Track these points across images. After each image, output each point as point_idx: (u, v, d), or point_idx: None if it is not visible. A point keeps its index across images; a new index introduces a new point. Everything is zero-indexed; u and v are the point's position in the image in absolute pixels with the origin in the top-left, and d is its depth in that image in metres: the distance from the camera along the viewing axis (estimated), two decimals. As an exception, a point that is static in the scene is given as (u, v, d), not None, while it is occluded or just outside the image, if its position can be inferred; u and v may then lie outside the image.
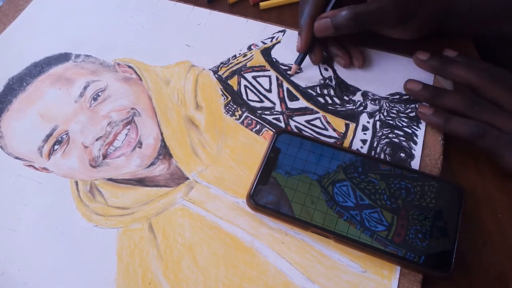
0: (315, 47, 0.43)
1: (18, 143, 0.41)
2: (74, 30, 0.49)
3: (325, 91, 0.43)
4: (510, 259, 0.34)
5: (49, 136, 0.41)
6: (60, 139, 0.41)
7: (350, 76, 0.43)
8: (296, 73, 0.44)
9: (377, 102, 0.42)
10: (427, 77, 0.42)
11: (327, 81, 0.43)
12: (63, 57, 0.47)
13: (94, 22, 0.50)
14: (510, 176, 0.37)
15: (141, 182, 0.38)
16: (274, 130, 0.40)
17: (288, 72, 0.44)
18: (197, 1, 0.50)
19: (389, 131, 0.40)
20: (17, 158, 0.40)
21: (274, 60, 0.45)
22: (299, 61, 0.43)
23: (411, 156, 0.38)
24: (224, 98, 0.43)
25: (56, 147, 0.40)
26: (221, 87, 0.44)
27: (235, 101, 0.43)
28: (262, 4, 0.50)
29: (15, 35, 0.49)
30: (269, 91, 0.43)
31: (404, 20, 0.39)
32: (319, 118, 0.41)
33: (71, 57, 0.47)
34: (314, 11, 0.40)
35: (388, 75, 0.43)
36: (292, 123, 0.41)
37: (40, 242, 0.36)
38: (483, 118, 0.36)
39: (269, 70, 0.44)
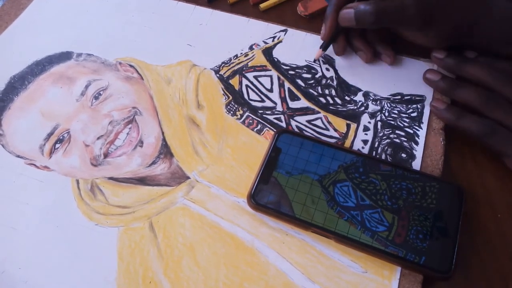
0: (339, 38, 0.43)
1: (20, 141, 0.41)
2: (75, 29, 0.49)
3: (327, 91, 0.43)
4: (510, 259, 0.34)
5: (50, 134, 0.41)
6: (61, 137, 0.41)
7: (351, 76, 0.43)
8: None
9: (378, 102, 0.42)
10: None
11: (328, 81, 0.43)
12: (64, 56, 0.47)
13: (95, 21, 0.50)
14: (510, 176, 0.37)
15: (142, 181, 0.38)
16: (275, 130, 0.40)
17: (314, 58, 0.44)
18: (197, 0, 0.50)
19: (390, 131, 0.40)
20: (18, 156, 0.40)
21: (276, 59, 0.45)
22: (324, 47, 0.43)
23: (412, 157, 0.38)
24: (226, 98, 0.43)
25: (57, 145, 0.40)
26: (223, 87, 0.44)
27: (237, 100, 0.43)
28: (262, 5, 0.49)
29: (17, 34, 0.49)
30: (271, 90, 0.43)
31: (425, 23, 0.38)
32: (320, 118, 0.41)
33: (72, 55, 0.47)
34: (340, 0, 0.41)
35: (390, 75, 0.43)
36: (293, 123, 0.41)
37: (40, 241, 0.36)
38: (496, 115, 0.36)
39: (270, 70, 0.44)
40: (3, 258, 0.35)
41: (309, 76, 0.44)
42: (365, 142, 0.39)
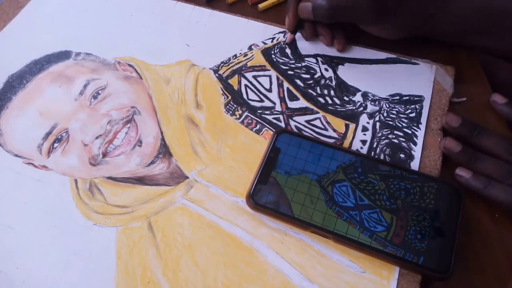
0: (305, 25, 0.45)
1: (18, 140, 0.41)
2: (74, 28, 0.49)
3: (325, 91, 0.43)
4: (508, 259, 0.34)
5: (48, 134, 0.41)
6: (59, 137, 0.41)
7: (350, 76, 0.44)
8: (292, 42, 0.46)
9: (377, 103, 0.42)
10: (426, 80, 0.42)
11: (327, 81, 0.43)
12: (63, 55, 0.47)
13: (94, 20, 0.50)
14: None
15: (140, 180, 0.38)
16: (274, 130, 0.40)
17: (285, 40, 0.46)
18: (196, 0, 0.50)
19: (389, 132, 0.40)
20: (16, 155, 0.40)
21: (275, 60, 0.45)
22: (292, 31, 0.45)
23: (410, 157, 0.38)
24: (225, 98, 0.43)
25: (55, 145, 0.40)
26: (222, 87, 0.44)
27: (236, 100, 0.43)
28: (260, 5, 0.50)
29: (15, 32, 0.49)
30: (270, 90, 0.43)
31: (381, 17, 0.39)
32: (319, 118, 0.41)
33: (71, 55, 0.47)
34: None
35: (388, 76, 0.43)
36: (292, 123, 0.41)
37: (39, 240, 0.36)
38: None
39: (269, 70, 0.45)
40: (0, 258, 0.35)
41: (308, 76, 0.44)
42: (363, 142, 0.40)
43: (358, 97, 0.42)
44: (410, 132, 0.40)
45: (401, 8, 0.39)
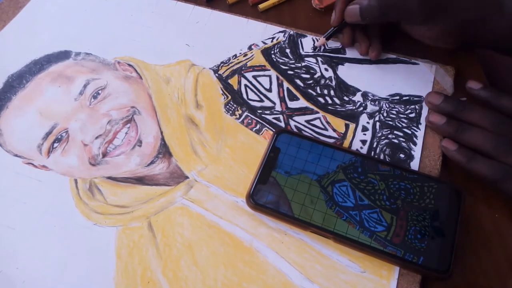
0: (345, 29, 0.44)
1: (18, 140, 0.41)
2: (74, 28, 0.49)
3: (325, 91, 0.43)
4: (508, 259, 0.34)
5: (48, 134, 0.41)
6: (59, 137, 0.41)
7: (350, 76, 0.44)
8: (322, 47, 0.45)
9: (377, 102, 0.42)
10: (426, 80, 0.42)
11: (327, 81, 0.43)
12: (63, 55, 0.47)
13: (94, 20, 0.50)
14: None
15: (140, 180, 0.38)
16: (274, 130, 0.40)
17: (315, 44, 0.45)
18: (196, 0, 0.50)
19: (389, 131, 0.40)
20: (16, 155, 0.40)
21: (275, 60, 0.45)
22: (328, 36, 0.44)
23: (410, 157, 0.38)
24: (224, 97, 0.43)
25: (55, 145, 0.40)
26: (221, 86, 0.44)
27: (235, 100, 0.43)
28: (260, 6, 0.50)
29: (15, 32, 0.49)
30: (269, 90, 0.43)
31: (428, 17, 0.38)
32: (319, 118, 0.41)
33: (71, 55, 0.47)
34: None
35: (388, 76, 0.43)
36: (292, 123, 0.41)
37: (38, 240, 0.36)
38: (509, 160, 0.35)
39: (269, 70, 0.44)
40: (0, 258, 0.35)
41: (308, 76, 0.44)
42: (363, 142, 0.40)
43: (358, 97, 0.42)
44: (410, 132, 0.40)
45: (451, 9, 0.38)
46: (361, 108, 0.41)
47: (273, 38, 0.47)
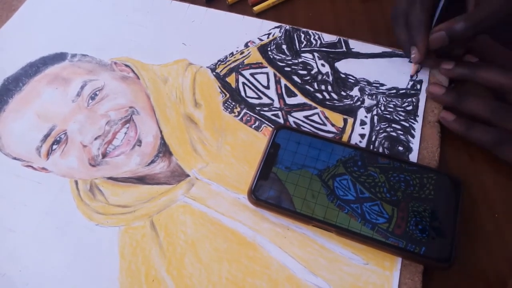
0: (430, 57, 0.42)
1: (16, 143, 0.41)
2: (69, 29, 0.49)
3: (323, 87, 0.43)
4: (508, 259, 0.34)
5: (47, 136, 0.41)
6: (58, 138, 0.40)
7: (347, 71, 0.44)
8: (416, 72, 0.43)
9: (374, 96, 0.42)
10: (422, 74, 0.43)
11: (324, 76, 0.44)
12: (59, 57, 0.46)
13: (90, 21, 0.49)
14: (506, 169, 0.37)
15: (141, 180, 0.38)
16: (273, 126, 0.40)
17: (410, 75, 0.43)
18: (196, 0, 0.50)
19: (387, 125, 0.40)
20: (15, 158, 0.40)
21: (271, 57, 0.45)
22: (415, 72, 0.43)
23: (408, 149, 0.39)
24: (223, 96, 0.43)
25: (54, 147, 0.40)
26: (219, 85, 0.44)
27: (234, 98, 0.43)
28: (255, 8, 0.49)
29: (9, 36, 0.48)
30: (267, 87, 0.43)
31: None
32: (317, 113, 0.41)
33: (67, 56, 0.46)
34: (428, 20, 0.40)
35: (384, 70, 0.44)
36: (290, 119, 0.41)
37: (41, 242, 0.36)
38: (507, 125, 0.36)
39: (266, 67, 0.45)
40: (3, 261, 0.35)
41: (305, 72, 0.44)
42: (362, 136, 0.40)
43: (355, 92, 0.42)
44: (407, 125, 0.40)
45: None
46: (359, 103, 0.42)
47: (269, 34, 0.47)
